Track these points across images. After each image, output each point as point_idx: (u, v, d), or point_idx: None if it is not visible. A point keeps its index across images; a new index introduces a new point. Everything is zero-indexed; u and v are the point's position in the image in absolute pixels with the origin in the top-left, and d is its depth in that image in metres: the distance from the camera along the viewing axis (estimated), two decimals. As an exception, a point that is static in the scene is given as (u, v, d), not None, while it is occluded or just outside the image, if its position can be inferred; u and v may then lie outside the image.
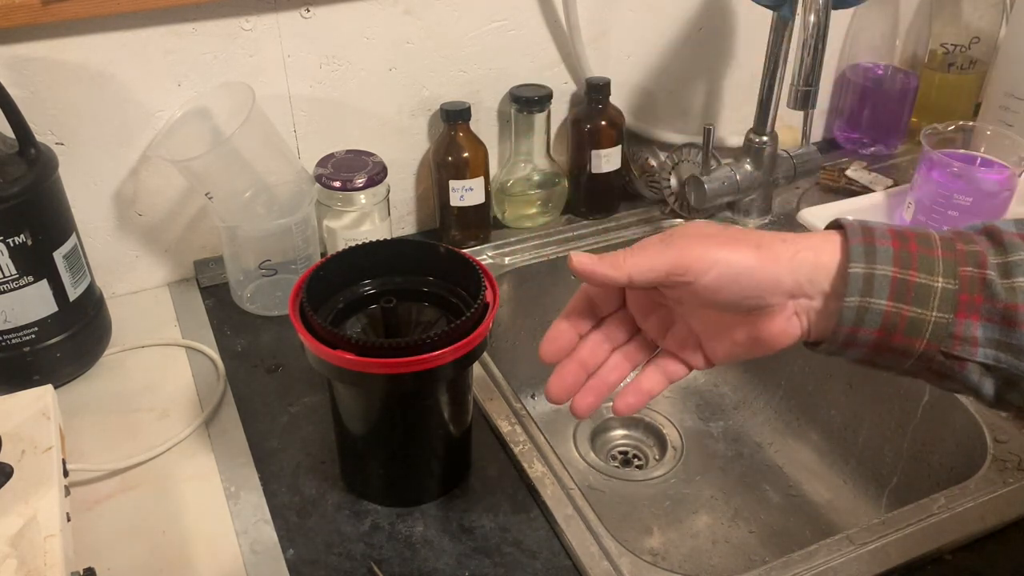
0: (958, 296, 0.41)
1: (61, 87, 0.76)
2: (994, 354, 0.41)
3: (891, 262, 0.42)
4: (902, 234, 0.43)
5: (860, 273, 0.42)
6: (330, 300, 0.62)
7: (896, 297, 0.41)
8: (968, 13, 1.07)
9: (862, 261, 0.42)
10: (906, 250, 0.42)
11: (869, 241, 0.42)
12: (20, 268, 0.68)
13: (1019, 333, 0.41)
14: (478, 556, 0.60)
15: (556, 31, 0.94)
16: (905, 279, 0.41)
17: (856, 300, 0.42)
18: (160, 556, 0.60)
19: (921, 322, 0.41)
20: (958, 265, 0.41)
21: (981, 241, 0.42)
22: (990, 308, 0.41)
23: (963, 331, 0.41)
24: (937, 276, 0.41)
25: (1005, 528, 0.62)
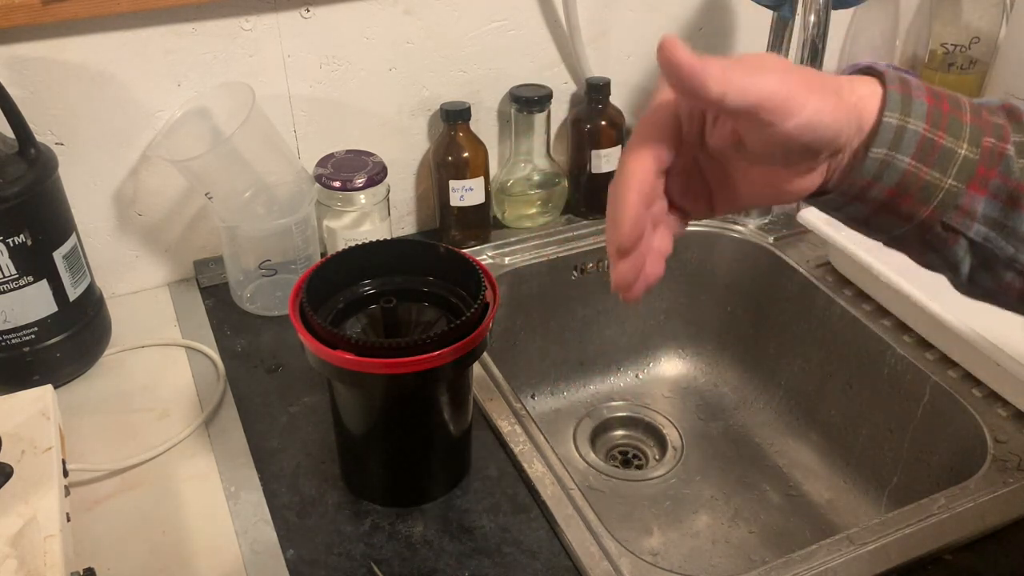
0: (976, 167, 0.39)
1: (61, 87, 0.76)
2: (985, 232, 0.40)
3: (924, 118, 0.39)
4: (936, 92, 0.40)
5: (894, 124, 0.39)
6: (330, 300, 0.62)
7: (920, 157, 0.39)
8: (968, 13, 1.07)
9: (898, 111, 0.39)
10: (939, 108, 0.40)
11: (906, 92, 0.40)
12: (20, 268, 0.68)
13: (1017, 214, 0.40)
14: (478, 556, 0.60)
15: (556, 31, 0.94)
16: (933, 139, 0.39)
17: (883, 152, 0.39)
18: (160, 556, 0.60)
19: (935, 188, 0.40)
20: (983, 134, 0.40)
21: (1001, 116, 0.41)
22: (999, 184, 0.40)
23: (969, 203, 0.40)
24: (963, 141, 0.39)
25: (1005, 528, 0.62)
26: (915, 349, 0.79)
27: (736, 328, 0.99)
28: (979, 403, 0.73)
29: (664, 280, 1.04)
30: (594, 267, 0.95)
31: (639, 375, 1.01)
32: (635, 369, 1.01)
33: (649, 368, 1.02)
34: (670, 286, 0.99)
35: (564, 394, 0.99)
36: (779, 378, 0.94)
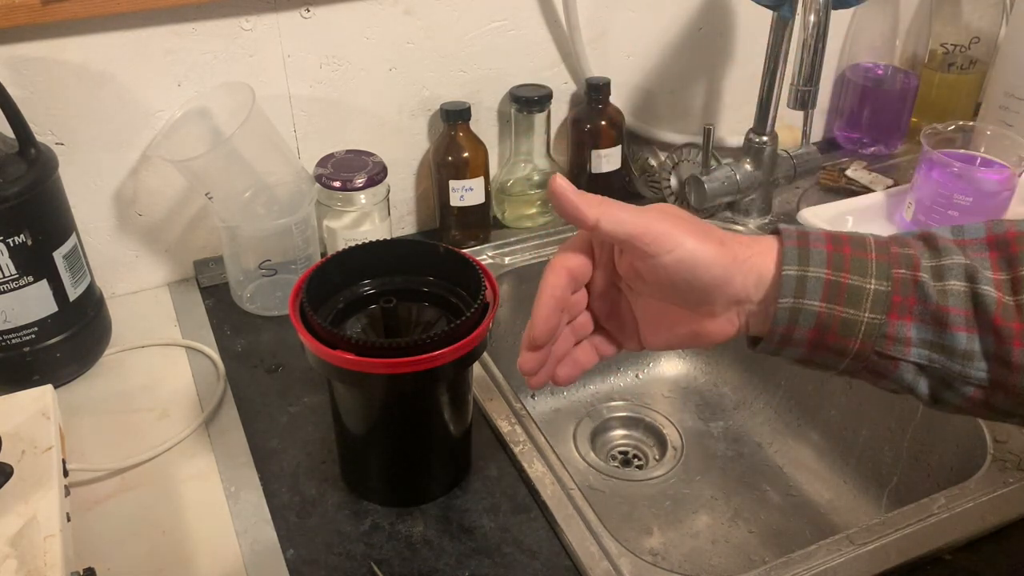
0: (891, 297, 0.42)
1: (61, 87, 0.76)
2: (927, 354, 0.42)
3: (824, 264, 0.42)
4: (836, 238, 0.43)
5: (793, 275, 0.42)
6: (330, 300, 0.62)
7: (829, 298, 0.42)
8: (968, 13, 1.07)
9: (795, 264, 0.43)
10: (839, 253, 0.43)
11: (803, 244, 0.43)
12: (20, 268, 0.68)
13: (950, 335, 0.41)
14: (478, 556, 0.60)
15: (556, 31, 0.94)
16: (838, 280, 0.42)
17: (789, 301, 0.42)
18: (160, 556, 0.60)
19: (854, 323, 0.42)
20: (891, 267, 0.42)
21: (916, 245, 0.43)
22: (922, 309, 0.41)
23: (896, 331, 0.42)
24: (870, 278, 0.42)
25: (1005, 528, 0.62)
26: (915, 349, 0.79)
27: (736, 328, 0.98)
28: (979, 403, 0.73)
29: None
30: (594, 267, 0.94)
31: (639, 375, 1.01)
32: (635, 369, 1.01)
33: (649, 368, 1.02)
34: (670, 286, 0.99)
35: (564, 394, 0.99)
36: (779, 378, 0.94)
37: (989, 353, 0.41)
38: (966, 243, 0.43)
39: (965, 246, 0.43)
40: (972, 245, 0.43)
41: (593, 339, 0.51)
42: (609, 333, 0.51)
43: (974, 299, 0.41)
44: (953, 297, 0.41)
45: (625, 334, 0.50)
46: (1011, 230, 0.42)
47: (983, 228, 0.43)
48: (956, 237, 0.43)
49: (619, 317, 0.50)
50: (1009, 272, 0.41)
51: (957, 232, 0.43)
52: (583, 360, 0.50)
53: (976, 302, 0.41)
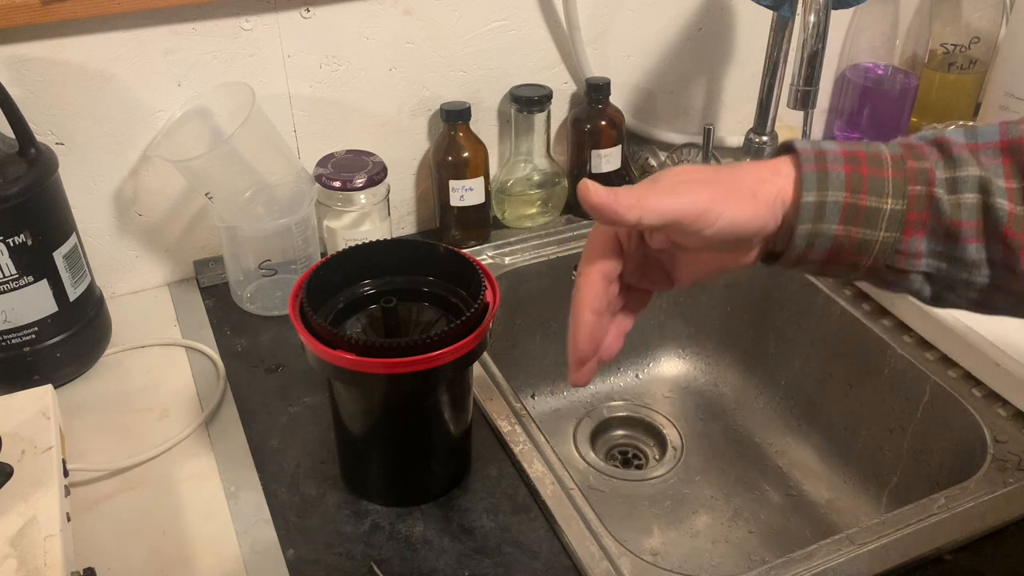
0: (906, 215, 0.42)
1: (61, 87, 0.76)
2: (936, 264, 0.43)
3: (843, 187, 0.42)
4: (854, 157, 0.43)
5: (812, 202, 0.42)
6: (330, 300, 0.62)
7: (847, 221, 0.42)
8: (968, 13, 1.07)
9: (814, 189, 0.42)
10: (857, 173, 0.42)
11: (822, 168, 0.43)
12: (20, 268, 0.68)
13: (961, 247, 0.42)
14: (478, 556, 0.60)
15: (556, 31, 0.94)
16: (856, 203, 0.42)
17: (808, 227, 0.43)
18: (160, 556, 0.60)
19: (870, 242, 0.42)
20: (907, 184, 0.42)
21: (931, 154, 0.43)
22: (935, 224, 0.42)
23: (908, 247, 0.42)
24: (887, 198, 0.42)
25: (1005, 528, 0.63)
26: (915, 349, 0.79)
27: (736, 328, 0.99)
28: (979, 403, 0.73)
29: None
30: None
31: (639, 375, 1.01)
32: (635, 369, 1.01)
33: (649, 368, 1.02)
34: (670, 286, 0.99)
35: (564, 394, 0.99)
36: (779, 378, 0.94)
37: (995, 261, 0.42)
38: (979, 147, 0.43)
39: (979, 151, 0.42)
40: (985, 150, 0.42)
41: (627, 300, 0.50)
42: (639, 290, 0.50)
43: (985, 211, 0.41)
44: (966, 210, 0.41)
45: (655, 282, 0.50)
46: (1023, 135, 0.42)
47: (997, 132, 0.43)
48: (969, 141, 0.43)
49: (648, 273, 0.49)
50: (1022, 180, 0.41)
51: (970, 136, 0.43)
52: (623, 326, 0.49)
53: (987, 214, 0.41)
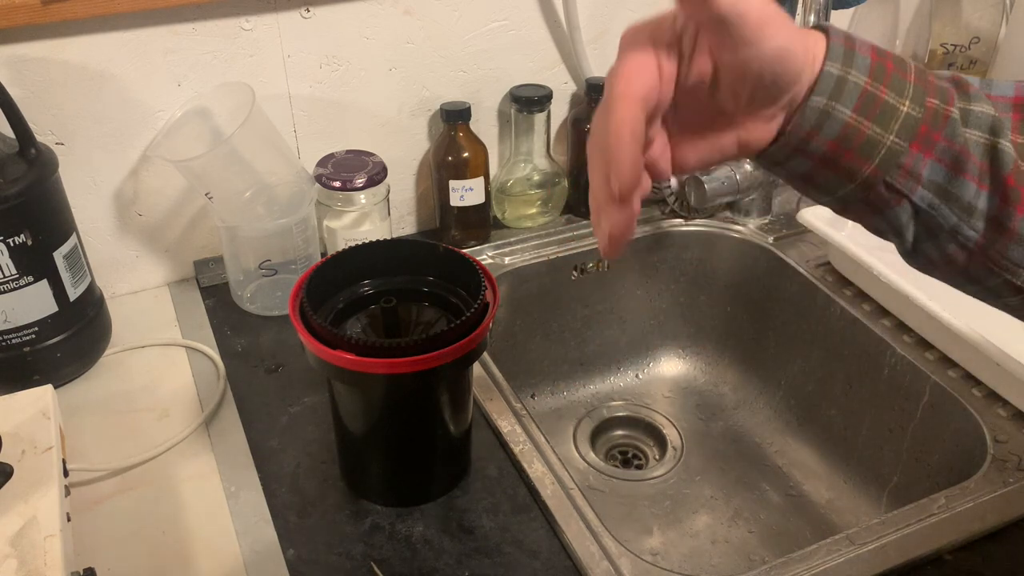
0: (919, 126, 0.40)
1: (61, 87, 0.76)
2: (930, 198, 0.41)
3: (866, 72, 0.40)
4: (882, 51, 0.41)
5: (834, 73, 0.40)
6: (330, 300, 0.62)
7: (861, 110, 0.40)
8: (968, 13, 1.07)
9: (839, 62, 0.40)
10: (882, 64, 0.40)
11: (850, 47, 0.40)
12: (20, 268, 0.68)
13: (961, 181, 0.40)
14: (478, 556, 0.60)
15: (556, 31, 0.94)
16: (875, 93, 0.40)
17: (823, 101, 0.40)
18: (160, 556, 0.60)
19: (877, 143, 0.40)
20: (927, 95, 0.40)
21: (948, 84, 0.42)
22: (945, 148, 0.40)
23: (912, 164, 0.40)
24: (905, 99, 0.40)
25: (1005, 528, 0.63)
26: (915, 349, 0.79)
27: (736, 328, 0.99)
28: (979, 403, 0.73)
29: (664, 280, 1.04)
30: (594, 267, 0.95)
31: (639, 375, 1.01)
32: (635, 369, 1.01)
33: (649, 368, 1.02)
34: (670, 286, 0.99)
35: (564, 394, 0.99)
36: (779, 378, 0.94)
37: (990, 214, 0.40)
38: (993, 99, 0.41)
39: (992, 101, 0.41)
40: (999, 103, 0.41)
41: None
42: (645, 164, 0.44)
43: (992, 153, 0.40)
44: (974, 145, 0.40)
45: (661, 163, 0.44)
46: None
47: (1012, 88, 0.42)
48: (985, 89, 0.42)
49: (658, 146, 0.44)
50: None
51: (985, 86, 0.42)
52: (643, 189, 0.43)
53: (993, 156, 0.40)
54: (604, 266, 0.95)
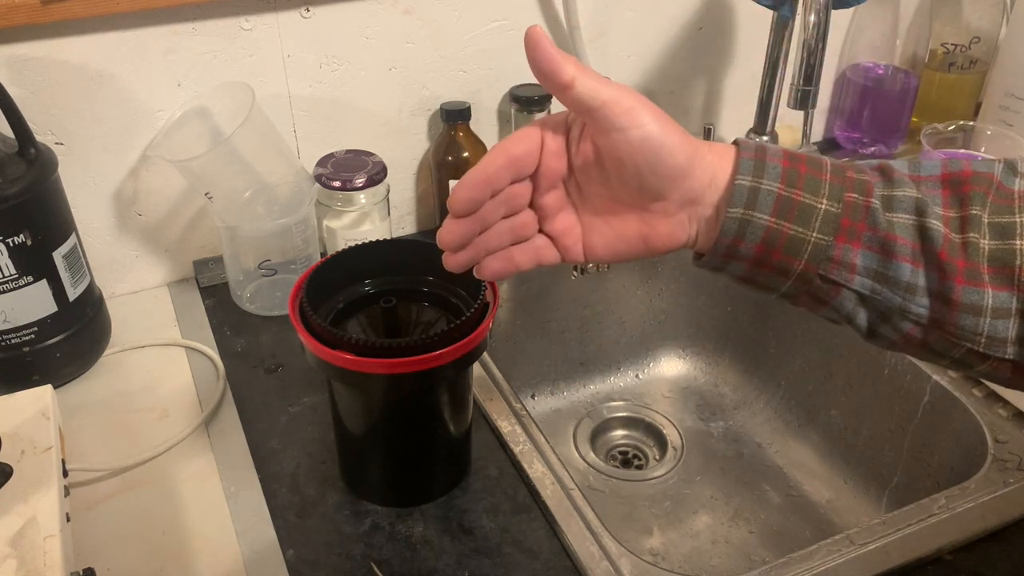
0: (840, 220, 0.42)
1: (61, 87, 0.76)
2: (870, 284, 0.42)
3: (778, 179, 0.42)
4: (794, 156, 0.43)
5: (746, 186, 0.42)
6: (330, 300, 0.62)
7: (779, 214, 0.42)
8: (968, 13, 1.07)
9: (750, 175, 0.42)
10: (795, 169, 0.42)
11: (760, 157, 0.43)
12: (20, 268, 0.68)
13: (895, 265, 0.42)
14: (478, 556, 0.60)
15: (556, 31, 0.94)
16: (790, 196, 0.42)
17: (739, 212, 0.42)
18: (160, 556, 0.60)
19: (801, 241, 0.42)
20: (844, 190, 0.42)
21: (872, 174, 0.43)
22: (871, 236, 0.42)
23: (841, 255, 0.42)
24: (822, 198, 0.42)
25: (1005, 528, 0.63)
26: (915, 349, 0.79)
27: (736, 328, 0.99)
28: (979, 403, 0.73)
29: (664, 280, 1.04)
30: (594, 267, 0.95)
31: (639, 375, 1.01)
32: (635, 369, 1.01)
33: (649, 368, 1.02)
34: (670, 286, 0.99)
35: (564, 394, 0.99)
36: (779, 378, 0.94)
37: (931, 289, 0.42)
38: (921, 179, 0.43)
39: (920, 182, 0.43)
40: (927, 181, 0.43)
41: (535, 242, 0.48)
42: (551, 238, 0.48)
43: (921, 232, 0.41)
44: (901, 228, 0.41)
45: (568, 239, 0.48)
46: (966, 169, 0.42)
47: (939, 165, 0.43)
48: (912, 172, 0.43)
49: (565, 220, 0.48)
50: (959, 211, 0.42)
51: (914, 167, 0.44)
52: (519, 260, 0.48)
53: (923, 235, 0.41)
54: (604, 266, 0.95)
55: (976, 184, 0.42)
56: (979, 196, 0.41)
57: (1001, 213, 0.41)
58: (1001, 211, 0.41)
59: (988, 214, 0.41)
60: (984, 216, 0.41)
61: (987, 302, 0.41)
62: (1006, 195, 0.41)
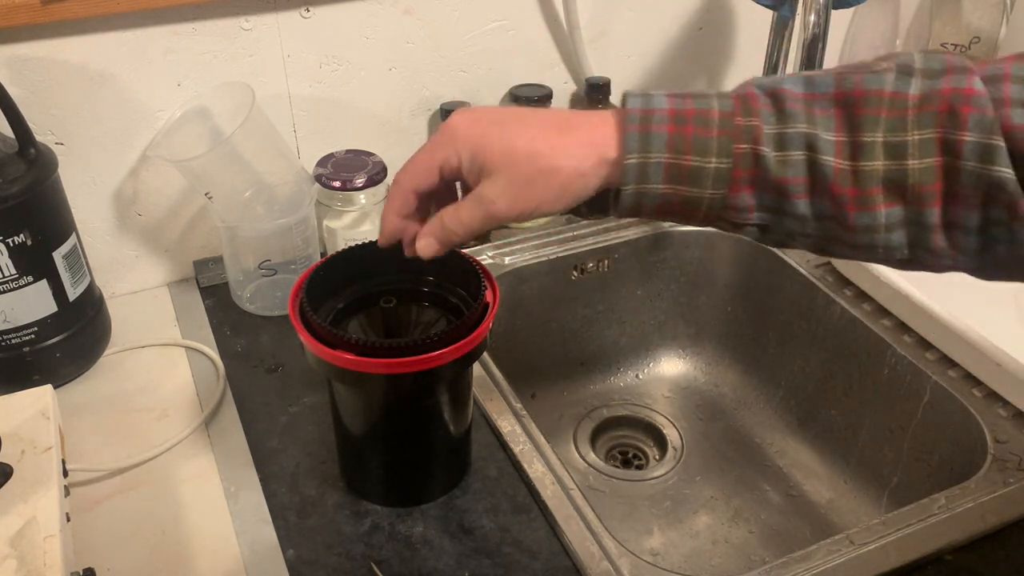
0: (732, 173, 0.43)
1: (61, 87, 0.76)
2: (767, 217, 0.45)
3: (665, 148, 0.44)
4: (680, 117, 0.44)
5: (635, 163, 0.44)
6: (330, 300, 0.62)
7: (671, 180, 0.44)
8: (968, 13, 1.07)
9: (637, 151, 0.44)
10: (681, 133, 0.44)
11: (645, 129, 0.44)
12: (20, 268, 0.68)
13: (790, 203, 0.43)
14: (478, 556, 0.60)
15: (556, 31, 0.94)
16: (679, 163, 0.44)
17: (632, 187, 0.44)
18: (160, 556, 0.60)
19: (697, 198, 0.44)
20: (733, 143, 0.43)
21: (763, 109, 0.44)
22: (762, 180, 0.43)
23: (737, 202, 0.44)
24: (711, 156, 0.43)
25: (1005, 528, 0.62)
26: (915, 349, 0.79)
27: (736, 328, 0.99)
28: (979, 403, 0.73)
29: (664, 280, 1.04)
30: (594, 267, 0.95)
31: (639, 375, 1.01)
32: (635, 369, 1.01)
33: (649, 368, 1.02)
34: (670, 286, 0.99)
35: (564, 394, 0.99)
36: (779, 378, 0.94)
37: (826, 215, 0.43)
38: (815, 98, 0.43)
39: (813, 102, 0.43)
40: (820, 101, 0.43)
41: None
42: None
43: (812, 167, 0.43)
44: (792, 167, 0.43)
45: None
46: (858, 88, 0.43)
47: (832, 82, 0.44)
48: (807, 91, 0.44)
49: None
50: (851, 134, 0.42)
51: (808, 84, 0.44)
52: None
53: (814, 170, 0.43)
54: (604, 266, 0.95)
55: (868, 106, 0.42)
56: (871, 120, 0.42)
57: (895, 130, 0.42)
58: (895, 127, 0.42)
59: (883, 133, 0.42)
60: (878, 137, 0.42)
61: (880, 221, 0.42)
62: (899, 105, 0.42)
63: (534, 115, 0.48)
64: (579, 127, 0.46)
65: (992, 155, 0.40)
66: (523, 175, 0.46)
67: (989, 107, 0.40)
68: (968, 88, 0.41)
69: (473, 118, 0.48)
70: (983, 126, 0.40)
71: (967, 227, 0.42)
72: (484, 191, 0.47)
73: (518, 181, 0.46)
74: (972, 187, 0.41)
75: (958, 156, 0.40)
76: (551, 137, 0.46)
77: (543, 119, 0.47)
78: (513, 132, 0.47)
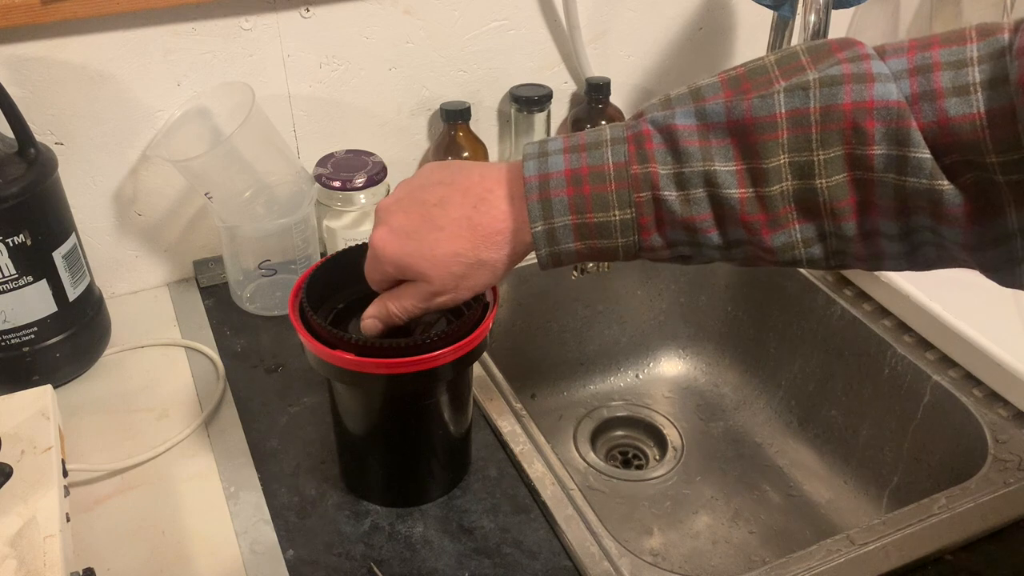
0: (638, 220, 0.44)
1: (61, 87, 0.76)
2: (686, 249, 0.46)
3: (567, 210, 0.45)
4: (576, 176, 0.45)
5: (541, 231, 0.46)
6: (330, 300, 0.62)
7: (581, 237, 0.45)
8: (968, 13, 1.07)
9: (540, 219, 0.45)
10: (580, 194, 0.45)
11: (545, 196, 0.45)
12: (20, 268, 0.68)
13: (703, 236, 0.44)
14: (478, 556, 0.60)
15: (556, 31, 0.94)
16: (584, 222, 0.45)
17: (546, 250, 0.46)
18: (160, 556, 0.60)
19: (613, 248, 0.45)
20: (632, 192, 0.44)
21: (658, 152, 0.44)
22: (671, 220, 0.44)
23: (651, 243, 0.45)
24: (613, 210, 0.44)
25: (1005, 528, 0.63)
26: (915, 349, 0.79)
27: (736, 328, 0.99)
28: (979, 403, 0.73)
29: (664, 280, 1.04)
30: (594, 267, 0.95)
31: (639, 375, 1.01)
32: (635, 369, 1.01)
33: (649, 368, 1.02)
34: (670, 286, 0.99)
35: (564, 394, 0.99)
36: (779, 378, 0.94)
37: (743, 240, 0.44)
38: (709, 128, 0.43)
39: (708, 133, 0.43)
40: (714, 130, 0.43)
41: None
42: None
43: (716, 202, 0.43)
44: (696, 205, 0.43)
45: None
46: (747, 116, 0.42)
47: (723, 110, 0.43)
48: (700, 122, 0.43)
49: None
50: (750, 162, 0.42)
51: (701, 116, 0.43)
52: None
53: (719, 204, 0.43)
54: (604, 266, 0.95)
55: (763, 133, 0.41)
56: (769, 145, 0.41)
57: (799, 149, 0.41)
58: (798, 146, 0.41)
59: (785, 154, 0.41)
60: (780, 159, 0.41)
61: (796, 237, 0.43)
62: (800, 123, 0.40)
63: (442, 211, 0.48)
64: (486, 211, 0.47)
65: (905, 165, 0.39)
66: (454, 274, 0.49)
67: (895, 116, 0.38)
68: (870, 100, 0.39)
69: (388, 234, 0.50)
70: (891, 137, 0.39)
71: (888, 235, 0.42)
72: (424, 289, 0.50)
73: (452, 279, 0.49)
74: (889, 198, 0.40)
75: (870, 169, 0.40)
76: (464, 233, 0.48)
77: (453, 216, 0.48)
78: (430, 241, 0.48)
